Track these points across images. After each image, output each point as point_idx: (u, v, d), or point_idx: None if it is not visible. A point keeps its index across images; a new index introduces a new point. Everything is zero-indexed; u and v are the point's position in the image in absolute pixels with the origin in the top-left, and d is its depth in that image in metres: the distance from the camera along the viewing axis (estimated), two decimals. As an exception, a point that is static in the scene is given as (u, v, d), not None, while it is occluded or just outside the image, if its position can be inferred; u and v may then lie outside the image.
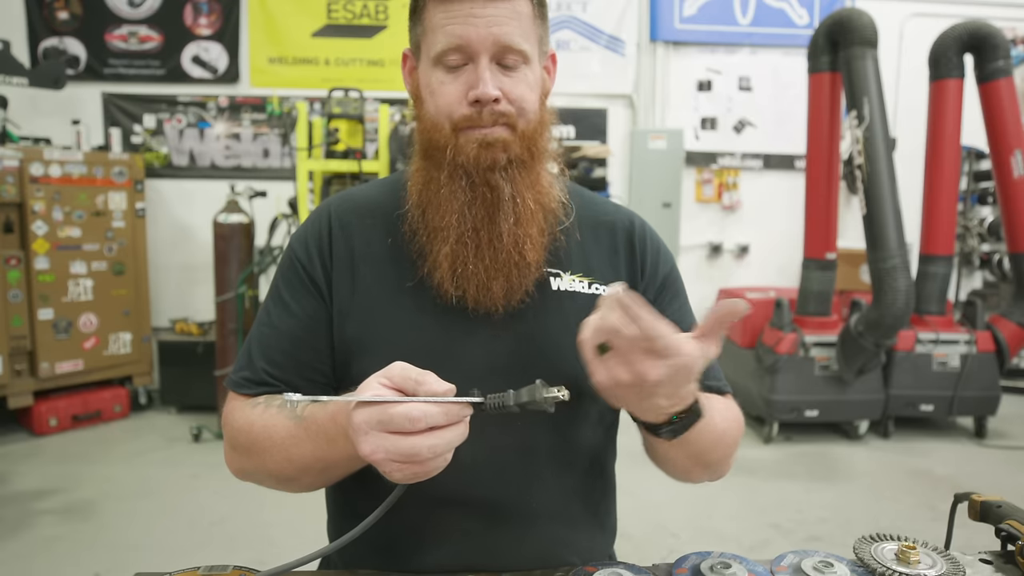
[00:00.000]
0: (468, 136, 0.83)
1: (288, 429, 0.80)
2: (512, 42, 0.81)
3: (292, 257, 0.92)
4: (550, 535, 0.91)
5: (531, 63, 0.85)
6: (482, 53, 0.81)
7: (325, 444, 0.76)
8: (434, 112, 0.85)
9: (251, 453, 0.85)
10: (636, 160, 5.24)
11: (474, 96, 0.81)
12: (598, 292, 0.91)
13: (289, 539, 2.74)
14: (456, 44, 0.81)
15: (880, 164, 3.69)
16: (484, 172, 0.84)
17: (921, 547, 0.80)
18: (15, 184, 3.90)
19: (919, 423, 4.38)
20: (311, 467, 0.80)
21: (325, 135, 3.86)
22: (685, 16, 5.28)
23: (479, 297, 0.85)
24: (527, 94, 0.84)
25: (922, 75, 4.24)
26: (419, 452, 0.64)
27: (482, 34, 0.80)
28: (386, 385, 0.66)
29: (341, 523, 0.97)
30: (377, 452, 0.65)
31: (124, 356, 4.40)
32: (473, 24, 0.80)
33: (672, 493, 3.17)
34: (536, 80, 0.86)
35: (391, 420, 0.64)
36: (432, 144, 0.86)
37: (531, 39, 0.84)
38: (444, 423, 0.65)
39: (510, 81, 0.83)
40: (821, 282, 4.18)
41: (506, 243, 0.84)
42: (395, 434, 0.64)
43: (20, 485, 3.32)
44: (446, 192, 0.85)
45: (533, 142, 0.86)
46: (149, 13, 4.95)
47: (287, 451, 0.80)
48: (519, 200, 0.85)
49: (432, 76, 0.84)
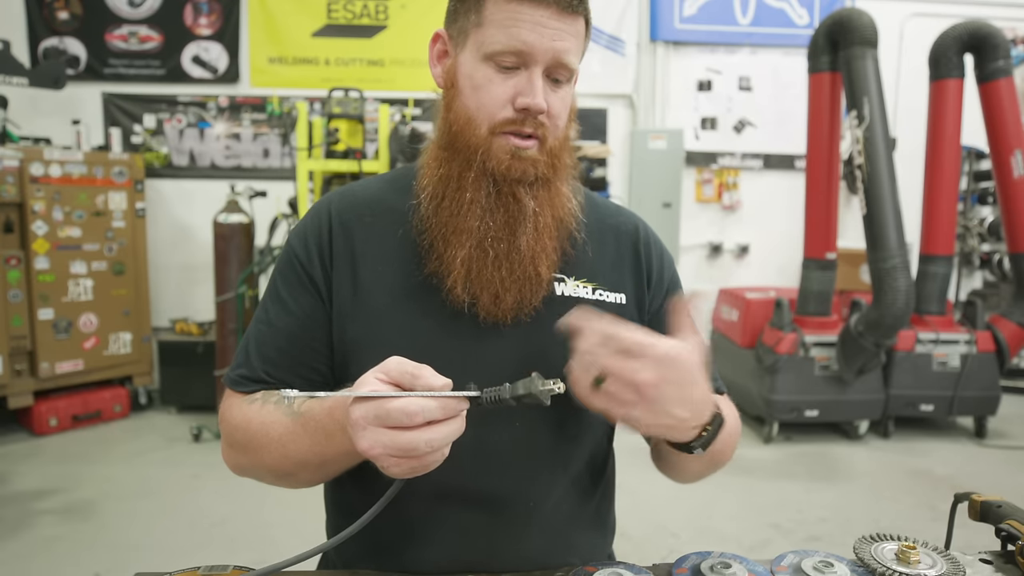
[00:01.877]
0: (503, 143, 0.83)
1: (285, 425, 0.80)
2: (568, 60, 0.82)
3: (291, 254, 0.91)
4: (549, 535, 0.91)
5: (573, 82, 0.87)
6: (540, 63, 0.81)
7: (322, 439, 0.76)
8: (474, 108, 0.84)
9: (248, 449, 0.85)
10: (636, 160, 5.23)
11: (524, 104, 0.81)
12: (602, 299, 0.91)
13: (289, 539, 2.74)
14: (518, 48, 0.80)
15: (880, 164, 3.69)
16: (512, 184, 0.84)
17: (921, 547, 0.80)
18: (15, 184, 3.90)
19: (919, 423, 4.38)
20: (308, 462, 0.80)
21: (325, 135, 3.86)
22: (685, 16, 5.28)
23: (491, 307, 0.85)
24: (563, 111, 0.86)
25: (922, 75, 4.24)
26: (417, 447, 0.64)
27: (546, 46, 0.80)
28: (383, 380, 0.66)
29: (339, 522, 0.97)
30: (375, 447, 0.65)
31: (124, 356, 4.40)
32: (539, 33, 0.79)
33: (672, 493, 3.16)
34: (571, 99, 0.87)
35: (388, 415, 0.64)
36: (462, 140, 0.85)
37: (578, 60, 0.85)
38: (441, 417, 0.65)
39: (555, 96, 0.83)
40: (821, 282, 4.19)
41: (524, 256, 0.85)
42: (393, 429, 0.64)
43: (20, 485, 3.32)
44: (470, 194, 0.84)
45: (558, 158, 0.87)
46: (149, 13, 4.95)
47: (284, 447, 0.80)
48: (540, 216, 0.85)
49: (479, 70, 0.83)
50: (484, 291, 0.84)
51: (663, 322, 0.96)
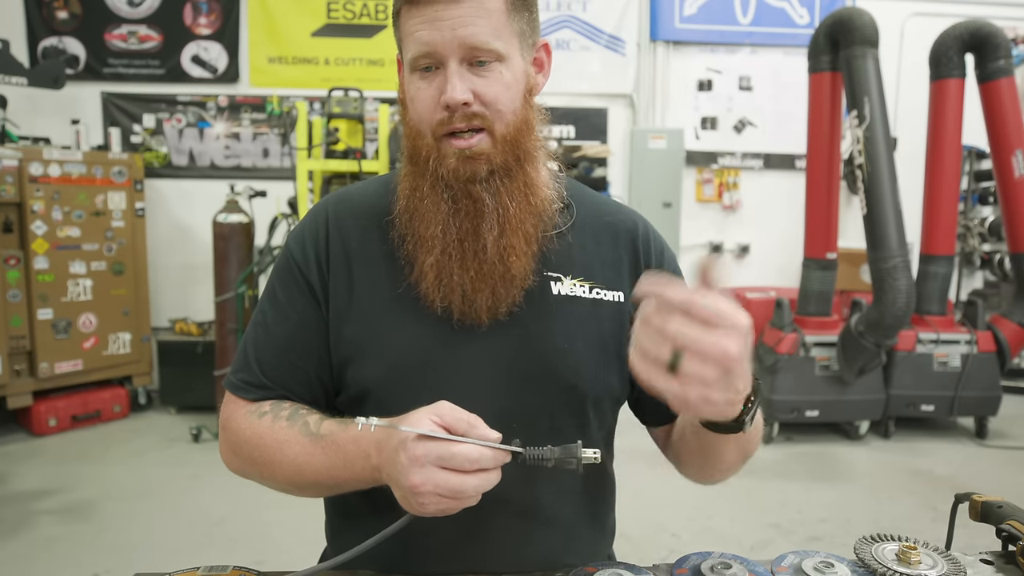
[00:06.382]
0: (448, 147, 0.82)
1: (303, 446, 0.81)
2: (479, 42, 0.79)
3: (289, 258, 0.92)
4: (550, 535, 0.91)
5: (507, 60, 0.81)
6: (449, 56, 0.79)
7: (341, 464, 0.78)
8: (416, 119, 0.84)
9: (257, 463, 0.86)
10: (636, 160, 5.23)
11: (443, 101, 0.80)
12: (599, 297, 0.90)
13: (289, 539, 2.74)
14: (425, 50, 0.79)
15: (881, 164, 3.69)
16: (464, 184, 0.83)
17: (922, 547, 0.79)
18: (14, 184, 3.90)
19: (920, 423, 4.38)
20: (320, 483, 0.82)
21: (325, 135, 3.85)
22: (685, 16, 5.28)
23: (464, 308, 0.85)
24: (502, 94, 0.82)
25: (923, 74, 4.23)
26: (466, 491, 0.68)
27: (447, 37, 0.78)
28: (437, 423, 0.69)
29: (338, 523, 0.97)
30: (426, 484, 0.67)
31: (124, 356, 4.40)
32: (438, 28, 0.78)
33: (672, 493, 3.16)
34: (516, 78, 0.83)
35: (452, 458, 0.67)
36: (415, 151, 0.85)
37: (504, 35, 0.81)
38: (491, 467, 0.69)
39: (483, 82, 0.80)
40: (822, 282, 4.18)
41: (490, 255, 0.84)
42: (449, 471, 0.67)
43: (20, 485, 3.32)
44: (429, 203, 0.84)
45: (516, 145, 0.84)
46: (149, 12, 4.95)
47: (298, 467, 0.81)
48: (502, 211, 0.84)
49: (412, 83, 0.83)
50: (455, 294, 0.84)
51: None
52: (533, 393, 0.86)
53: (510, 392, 0.86)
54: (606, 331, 0.90)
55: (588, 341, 0.89)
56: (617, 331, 0.91)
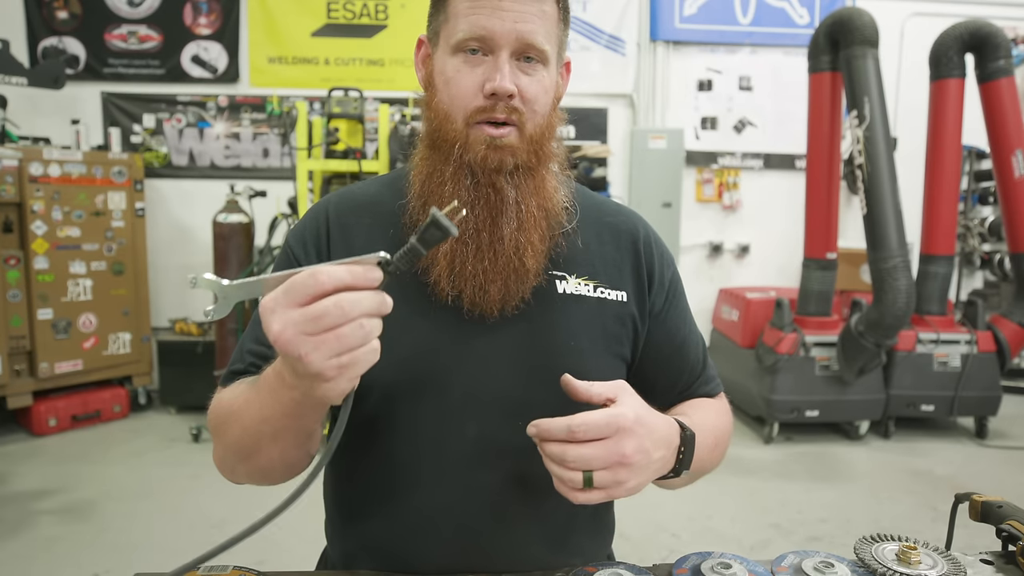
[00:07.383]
0: (479, 134, 0.82)
1: (244, 395, 0.78)
2: (535, 40, 0.81)
3: (289, 256, 0.91)
4: (549, 535, 0.91)
5: (549, 65, 0.84)
6: (504, 47, 0.80)
7: (269, 397, 0.72)
8: (447, 102, 0.84)
9: (218, 433, 0.84)
10: (636, 160, 5.23)
11: (491, 88, 0.80)
12: (603, 296, 0.91)
13: (289, 539, 2.73)
14: (479, 34, 0.80)
15: (881, 164, 3.69)
16: (490, 174, 0.83)
17: (922, 547, 0.79)
18: (14, 184, 3.90)
19: (920, 423, 4.38)
20: (262, 432, 0.76)
21: (325, 135, 3.85)
22: (685, 15, 5.27)
23: (475, 299, 0.84)
24: (541, 96, 0.84)
25: (923, 74, 4.23)
26: (327, 311, 0.59)
27: (507, 28, 0.80)
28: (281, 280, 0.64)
29: (338, 522, 0.96)
30: (287, 328, 0.59)
31: (123, 356, 4.40)
32: (499, 17, 0.79)
33: (672, 493, 3.15)
34: (551, 83, 0.86)
35: (293, 286, 0.60)
36: (441, 135, 0.85)
37: (552, 41, 0.84)
38: (351, 281, 0.60)
39: (527, 79, 0.82)
40: (822, 282, 4.18)
41: (507, 247, 0.84)
42: (304, 306, 0.60)
43: (20, 485, 3.32)
44: (450, 188, 0.84)
45: (540, 146, 0.86)
46: (148, 12, 4.94)
47: (241, 419, 0.78)
48: (523, 206, 0.85)
49: (449, 64, 0.83)
50: (468, 284, 0.83)
51: (663, 324, 0.96)
52: (539, 388, 0.86)
53: (517, 385, 0.86)
54: (610, 329, 0.91)
55: (593, 339, 0.89)
56: (619, 330, 0.91)
